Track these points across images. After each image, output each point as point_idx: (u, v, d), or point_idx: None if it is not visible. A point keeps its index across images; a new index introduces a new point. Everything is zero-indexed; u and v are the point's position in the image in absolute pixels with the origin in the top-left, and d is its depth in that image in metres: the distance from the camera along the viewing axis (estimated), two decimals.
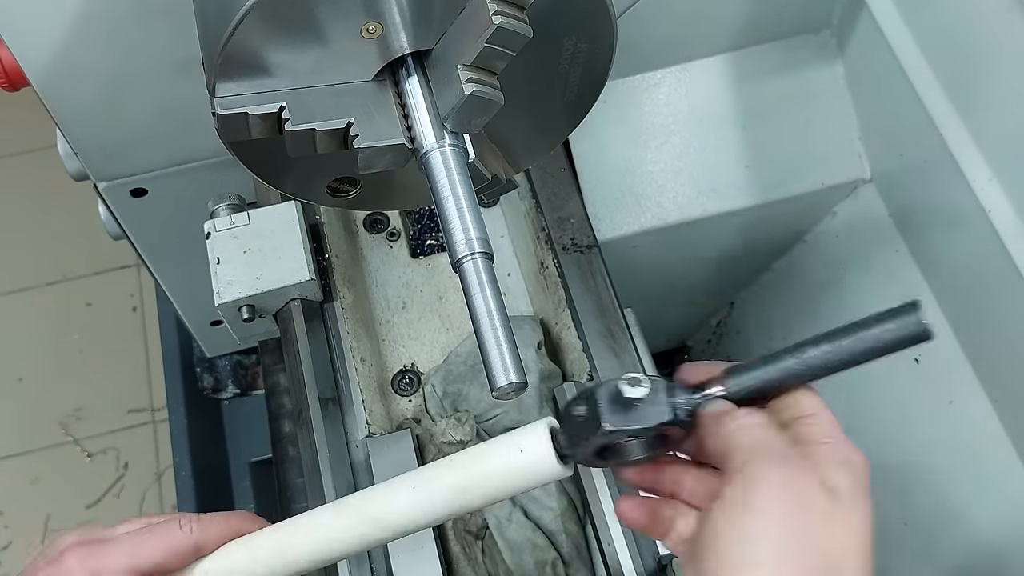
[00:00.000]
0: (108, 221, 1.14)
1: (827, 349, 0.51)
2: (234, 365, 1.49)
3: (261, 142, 0.67)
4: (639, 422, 0.54)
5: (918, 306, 0.49)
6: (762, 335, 1.55)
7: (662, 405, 0.54)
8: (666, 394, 0.55)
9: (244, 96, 0.63)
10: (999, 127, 1.04)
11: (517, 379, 0.57)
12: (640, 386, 0.54)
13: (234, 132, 0.63)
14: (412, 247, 1.04)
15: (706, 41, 1.26)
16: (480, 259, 0.61)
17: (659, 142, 1.28)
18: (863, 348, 0.51)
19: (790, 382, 0.54)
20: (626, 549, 0.82)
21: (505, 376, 0.57)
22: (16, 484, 2.00)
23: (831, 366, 0.52)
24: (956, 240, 1.14)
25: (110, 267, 2.22)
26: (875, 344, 0.50)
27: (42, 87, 0.91)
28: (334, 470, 0.86)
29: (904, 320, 0.49)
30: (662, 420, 0.54)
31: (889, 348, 0.50)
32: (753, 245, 1.40)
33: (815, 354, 0.52)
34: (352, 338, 0.94)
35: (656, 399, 0.54)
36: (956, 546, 1.20)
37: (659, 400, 0.54)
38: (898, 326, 0.49)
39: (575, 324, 0.95)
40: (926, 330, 0.49)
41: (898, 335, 0.50)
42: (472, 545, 0.88)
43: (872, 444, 1.37)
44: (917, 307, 0.49)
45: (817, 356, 0.52)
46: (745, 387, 0.55)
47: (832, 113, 1.29)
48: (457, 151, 0.65)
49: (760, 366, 0.54)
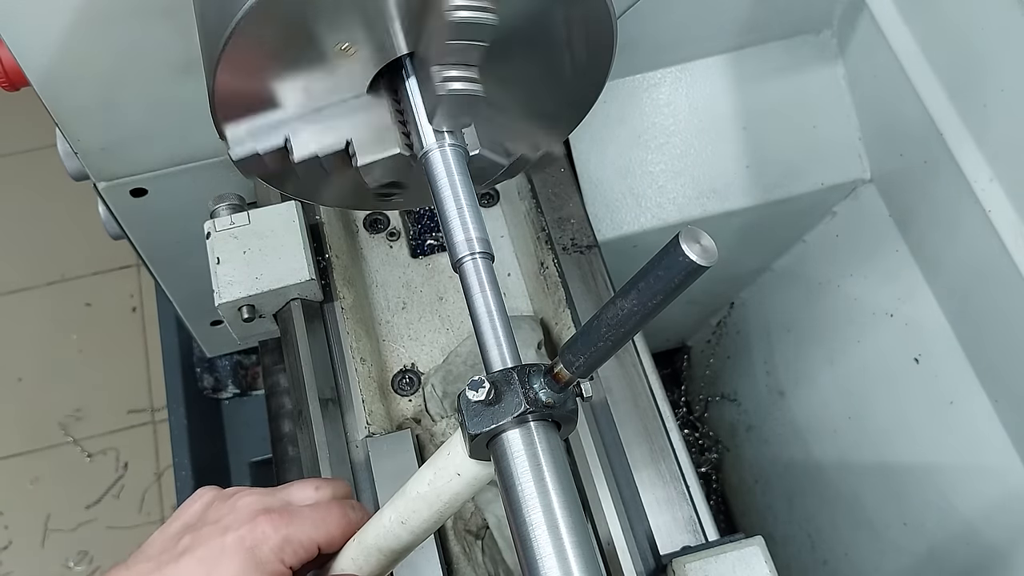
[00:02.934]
0: (108, 221, 1.14)
1: (626, 307, 0.53)
2: (234, 365, 1.49)
3: (244, 105, 0.67)
4: (497, 419, 0.56)
5: (678, 241, 0.49)
6: (762, 335, 1.55)
7: (516, 397, 0.56)
8: (521, 385, 0.56)
9: (251, 135, 0.65)
10: (999, 127, 1.04)
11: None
12: (481, 388, 0.56)
13: (253, 169, 0.66)
14: (412, 247, 1.04)
15: (706, 41, 1.26)
16: (480, 259, 0.61)
17: (659, 142, 1.28)
18: (653, 299, 0.52)
19: (612, 349, 0.56)
20: (626, 549, 0.82)
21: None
22: (16, 484, 2.00)
23: (634, 322, 0.53)
24: (956, 240, 1.14)
25: (110, 267, 2.22)
26: (659, 292, 0.51)
27: (42, 87, 0.91)
28: (334, 470, 0.86)
29: (670, 260, 0.50)
30: (518, 411, 0.56)
31: (671, 290, 0.51)
32: (753, 245, 1.40)
33: (616, 314, 0.53)
34: (352, 338, 0.94)
35: (507, 394, 0.56)
36: (956, 546, 1.20)
37: (512, 392, 0.56)
38: (666, 271, 0.50)
39: (575, 324, 0.95)
40: (691, 262, 0.49)
41: (671, 276, 0.50)
42: (472, 545, 0.88)
43: (873, 444, 1.38)
44: (677, 242, 0.49)
45: (621, 317, 0.53)
46: (584, 365, 0.56)
47: (832, 113, 1.29)
48: (457, 151, 0.65)
49: (584, 341, 0.55)
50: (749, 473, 1.66)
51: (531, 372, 0.57)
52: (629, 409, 0.90)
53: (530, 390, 0.56)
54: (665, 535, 0.83)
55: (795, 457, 1.50)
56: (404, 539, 0.65)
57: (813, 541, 1.50)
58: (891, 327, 1.27)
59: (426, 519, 0.63)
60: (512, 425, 0.56)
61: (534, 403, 0.56)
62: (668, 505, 0.85)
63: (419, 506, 0.63)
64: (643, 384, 0.92)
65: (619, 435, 0.88)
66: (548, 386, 0.57)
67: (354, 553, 0.67)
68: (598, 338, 0.54)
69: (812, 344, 1.44)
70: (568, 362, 0.56)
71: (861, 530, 1.38)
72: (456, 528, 0.88)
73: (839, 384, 1.39)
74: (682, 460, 0.90)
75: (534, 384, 0.57)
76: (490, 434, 0.56)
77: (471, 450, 0.59)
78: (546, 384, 0.57)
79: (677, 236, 0.49)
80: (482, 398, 0.56)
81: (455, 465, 0.61)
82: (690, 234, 0.50)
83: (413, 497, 0.63)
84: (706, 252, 0.49)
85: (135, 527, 1.94)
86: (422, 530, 0.64)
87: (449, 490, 0.61)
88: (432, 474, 0.62)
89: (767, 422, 1.57)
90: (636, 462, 0.87)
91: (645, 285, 0.52)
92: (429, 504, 0.63)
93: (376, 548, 0.66)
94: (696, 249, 0.49)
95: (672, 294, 0.51)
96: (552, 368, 0.57)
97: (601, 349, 0.55)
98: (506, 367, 0.58)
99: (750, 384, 1.60)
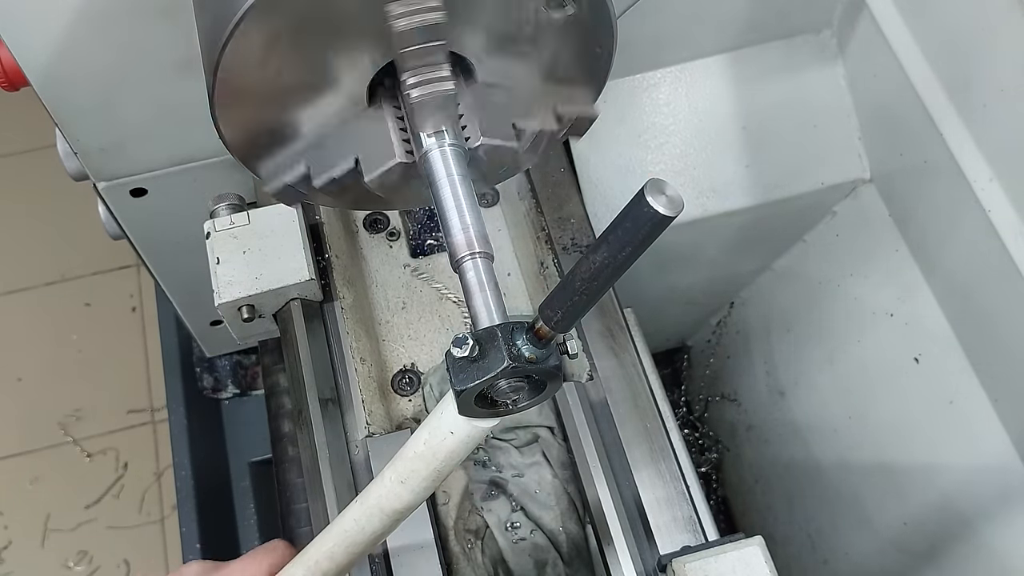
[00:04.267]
0: (108, 221, 1.14)
1: (598, 259, 0.53)
2: (234, 365, 1.49)
3: (264, 144, 0.67)
4: (481, 374, 0.57)
5: (643, 193, 0.50)
6: (762, 335, 1.55)
7: (500, 352, 0.57)
8: (504, 342, 0.57)
9: (277, 171, 0.69)
10: (999, 127, 1.04)
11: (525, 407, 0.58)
12: (465, 344, 0.57)
13: (291, 199, 0.71)
14: (412, 247, 1.04)
15: (706, 41, 1.26)
16: (480, 259, 0.61)
17: (659, 142, 1.28)
18: (622, 252, 0.52)
19: (588, 302, 0.56)
20: (626, 549, 0.82)
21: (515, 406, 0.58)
22: (16, 484, 2.00)
23: (607, 276, 0.54)
24: (956, 240, 1.14)
25: (109, 267, 2.22)
26: (627, 244, 0.52)
27: (42, 87, 0.91)
28: (334, 470, 0.85)
29: (636, 213, 0.50)
30: (502, 367, 0.57)
31: (639, 242, 0.52)
32: (753, 245, 1.40)
33: (589, 268, 0.54)
34: (352, 338, 0.94)
35: (490, 350, 0.57)
36: (956, 546, 1.20)
37: (496, 348, 0.57)
38: (633, 223, 0.51)
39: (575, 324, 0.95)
40: (656, 212, 0.49)
41: (639, 227, 0.51)
42: (472, 545, 0.88)
43: (872, 444, 1.38)
44: (642, 194, 0.50)
45: (593, 270, 0.54)
46: (562, 319, 0.57)
47: (832, 113, 1.29)
48: (456, 150, 0.65)
49: (561, 296, 0.56)
50: (749, 473, 1.66)
51: (514, 329, 0.58)
52: (629, 409, 0.90)
53: (513, 346, 0.57)
54: (665, 535, 0.83)
55: (795, 457, 1.50)
56: (405, 498, 0.67)
57: (813, 541, 1.50)
58: (891, 327, 1.27)
59: (424, 477, 0.65)
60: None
61: (517, 358, 0.57)
62: (668, 505, 0.85)
63: (417, 465, 0.65)
64: (643, 384, 0.92)
65: (619, 435, 0.89)
66: (531, 342, 0.58)
67: (356, 514, 0.69)
68: (573, 292, 0.55)
69: (812, 344, 1.44)
70: (547, 317, 0.56)
71: (861, 530, 1.38)
72: (456, 528, 0.88)
73: (839, 384, 1.39)
74: (682, 460, 0.90)
75: (517, 340, 0.58)
76: (475, 390, 0.58)
77: (459, 407, 0.60)
78: (529, 340, 0.58)
79: (643, 188, 0.50)
80: (466, 354, 0.57)
81: (448, 424, 0.62)
82: (655, 186, 0.50)
83: (411, 457, 0.65)
84: (672, 203, 0.50)
85: (135, 527, 1.94)
86: (422, 488, 0.66)
87: (444, 448, 0.63)
88: (427, 434, 0.64)
89: (767, 422, 1.57)
90: (636, 462, 0.87)
91: (614, 238, 0.52)
92: (427, 463, 0.64)
93: (378, 508, 0.68)
94: (662, 200, 0.50)
95: (640, 246, 0.52)
96: (533, 324, 0.57)
97: (577, 303, 0.55)
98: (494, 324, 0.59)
99: (750, 384, 1.60)
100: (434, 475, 0.65)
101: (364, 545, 0.71)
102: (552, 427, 0.94)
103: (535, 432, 0.94)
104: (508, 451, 0.93)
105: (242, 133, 0.67)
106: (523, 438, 0.94)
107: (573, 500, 0.92)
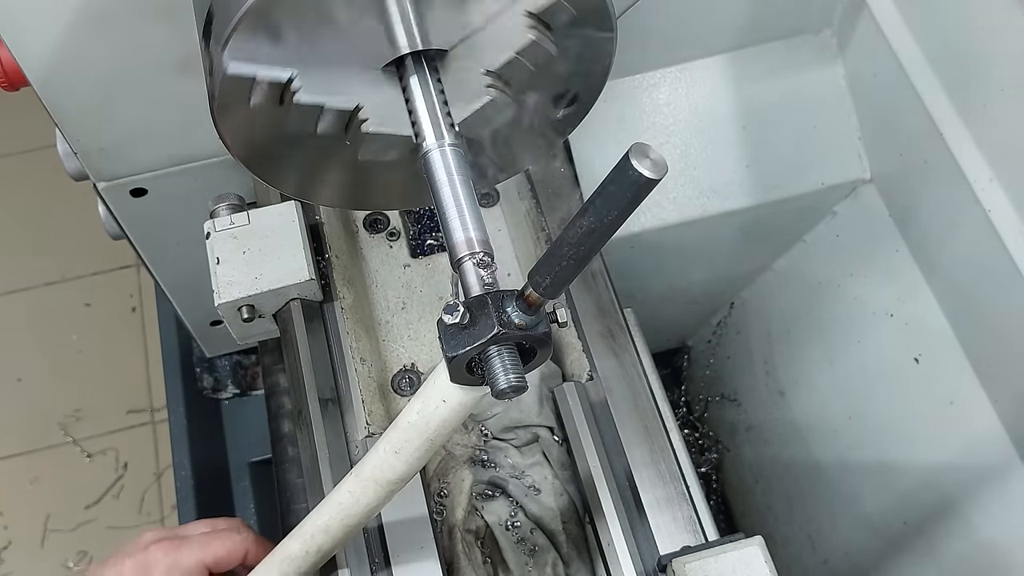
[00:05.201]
0: (108, 221, 1.14)
1: (584, 224, 0.54)
2: (234, 365, 1.49)
3: (263, 141, 0.67)
4: (472, 340, 0.58)
5: (628, 156, 0.50)
6: (762, 335, 1.55)
7: (490, 319, 0.58)
8: (495, 309, 0.58)
9: (253, 56, 0.61)
10: (999, 127, 1.04)
11: (517, 382, 0.58)
12: (456, 311, 0.58)
13: (233, 95, 0.62)
14: (412, 247, 1.04)
15: (706, 41, 1.26)
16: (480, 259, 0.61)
17: (659, 142, 1.28)
18: (608, 215, 0.53)
19: (577, 267, 0.57)
20: (626, 549, 0.82)
21: (506, 379, 0.58)
22: (16, 484, 2.00)
23: (594, 240, 0.55)
24: (956, 240, 1.14)
25: (109, 267, 2.22)
26: (613, 208, 0.53)
27: (42, 87, 0.91)
28: (334, 470, 0.85)
29: (621, 176, 0.51)
30: (492, 333, 0.57)
31: (625, 205, 0.52)
32: (753, 245, 1.40)
33: (576, 233, 0.55)
34: (352, 338, 0.94)
35: (481, 317, 0.58)
36: (956, 546, 1.20)
37: (486, 315, 0.58)
38: (618, 187, 0.52)
39: (575, 324, 0.95)
40: (641, 175, 0.50)
41: (624, 191, 0.52)
42: (472, 545, 0.88)
43: (872, 444, 1.38)
44: (627, 158, 0.50)
45: (580, 235, 0.55)
46: (550, 284, 0.58)
47: (832, 113, 1.29)
48: (457, 151, 0.65)
49: (549, 262, 0.57)
50: (749, 473, 1.66)
51: (504, 296, 0.59)
52: (629, 409, 0.90)
53: (503, 313, 0.58)
54: (665, 535, 0.83)
55: (795, 457, 1.50)
56: (399, 469, 0.68)
57: (813, 541, 1.50)
58: (891, 327, 1.27)
59: (418, 447, 0.66)
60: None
61: (507, 325, 0.58)
62: (668, 505, 0.85)
63: (411, 435, 0.66)
64: (643, 384, 0.92)
65: (619, 435, 0.88)
66: (520, 309, 0.58)
67: (352, 486, 0.71)
68: (561, 257, 0.56)
69: (812, 344, 1.44)
70: (536, 283, 0.57)
71: (861, 530, 1.38)
72: (456, 528, 0.88)
73: (839, 384, 1.39)
74: (682, 460, 0.90)
75: (507, 308, 0.58)
76: (466, 356, 0.58)
77: (451, 373, 0.60)
78: (518, 307, 0.58)
79: (627, 152, 0.51)
80: (457, 321, 0.58)
81: (440, 392, 0.63)
82: (639, 149, 0.51)
83: (404, 427, 0.66)
84: (656, 166, 0.51)
85: (135, 527, 1.94)
86: (415, 459, 0.67)
87: (437, 417, 0.64)
88: (420, 404, 0.65)
89: (767, 422, 1.57)
90: (636, 462, 0.87)
91: (600, 202, 0.53)
92: (420, 432, 0.65)
93: (373, 480, 0.69)
94: (646, 164, 0.50)
95: (626, 210, 0.53)
96: (523, 292, 0.58)
97: (565, 268, 0.56)
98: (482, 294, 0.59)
99: (750, 384, 1.60)
100: (427, 444, 0.66)
101: (359, 517, 0.72)
102: (552, 427, 0.94)
103: (535, 432, 0.94)
104: (508, 451, 0.93)
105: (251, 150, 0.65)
106: (523, 438, 0.94)
107: (573, 500, 0.92)
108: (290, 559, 0.75)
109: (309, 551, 0.75)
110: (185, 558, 0.78)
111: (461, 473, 0.91)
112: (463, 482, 0.90)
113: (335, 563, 0.81)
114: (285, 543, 0.75)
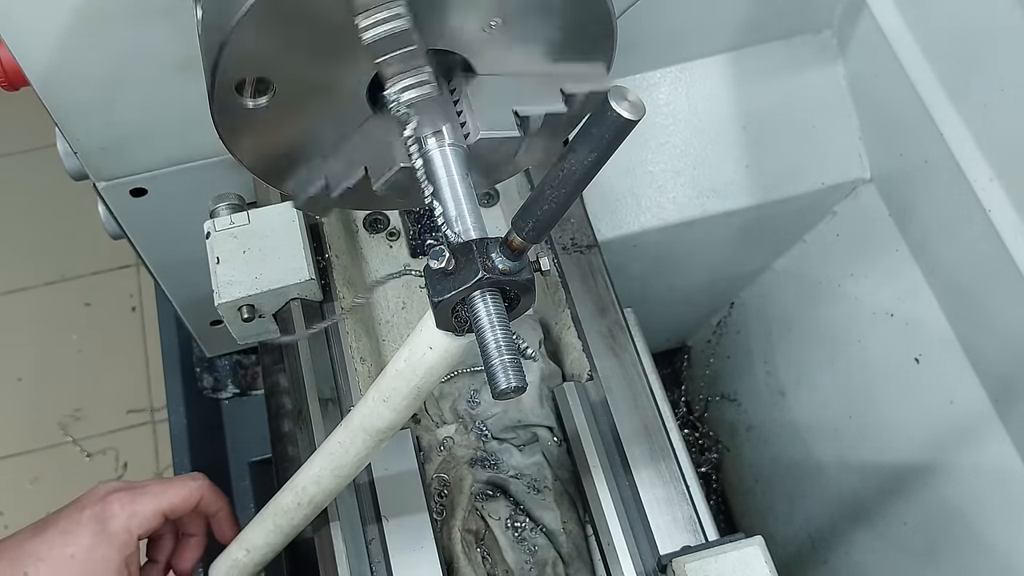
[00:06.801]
0: (108, 221, 1.14)
1: (565, 167, 0.55)
2: (234, 365, 1.49)
3: (261, 140, 0.67)
4: (457, 285, 0.59)
5: (607, 98, 0.51)
6: (762, 335, 1.55)
7: (474, 264, 0.58)
8: (479, 254, 0.59)
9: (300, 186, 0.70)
10: (999, 127, 1.04)
11: (517, 383, 0.58)
12: (441, 256, 0.59)
13: (320, 210, 0.73)
14: (412, 247, 1.04)
15: (706, 41, 1.26)
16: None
17: (659, 142, 1.28)
18: (588, 157, 0.54)
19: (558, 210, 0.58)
20: (626, 549, 0.82)
21: (506, 379, 0.58)
22: (16, 484, 2.00)
23: (575, 182, 0.55)
24: (956, 240, 1.14)
25: (109, 267, 2.22)
26: (593, 149, 0.53)
27: (42, 87, 0.91)
28: None
29: (600, 118, 0.52)
30: (476, 278, 0.58)
31: (604, 147, 0.53)
32: (753, 245, 1.40)
33: (557, 176, 0.55)
34: (352, 338, 0.94)
35: (466, 263, 0.59)
36: (956, 546, 1.20)
37: (470, 261, 0.59)
38: (597, 128, 0.52)
39: (575, 324, 0.95)
40: (619, 116, 0.51)
41: (603, 132, 0.52)
42: (472, 545, 0.88)
43: (872, 444, 1.38)
44: (606, 99, 0.51)
45: (561, 178, 0.55)
46: (534, 229, 0.58)
47: (832, 113, 1.29)
48: (456, 150, 0.65)
49: (531, 206, 0.57)
50: (749, 473, 1.66)
51: (488, 243, 0.60)
52: (629, 409, 0.90)
53: (488, 259, 0.59)
54: (665, 535, 0.83)
55: (795, 457, 1.50)
56: (387, 417, 0.69)
57: (813, 541, 1.50)
58: (891, 327, 1.27)
59: (405, 395, 0.67)
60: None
61: (491, 270, 0.58)
62: (668, 505, 0.85)
63: (398, 383, 0.66)
64: (643, 384, 0.92)
65: (619, 435, 0.88)
66: (504, 255, 0.59)
67: (341, 436, 0.71)
68: (543, 200, 0.57)
69: (812, 344, 1.44)
70: (519, 228, 0.58)
71: (861, 530, 1.38)
72: (456, 528, 0.88)
73: (839, 384, 1.39)
74: (682, 460, 0.90)
75: (491, 253, 0.59)
76: (451, 301, 0.59)
77: (437, 319, 0.61)
78: (502, 253, 0.59)
79: (606, 94, 0.51)
80: (442, 266, 0.58)
81: (426, 339, 0.63)
82: (618, 92, 0.52)
83: (392, 375, 0.67)
84: (634, 107, 0.51)
85: None
86: (403, 407, 0.68)
87: (424, 364, 0.64)
88: (408, 352, 0.65)
89: (767, 422, 1.57)
90: (636, 462, 0.87)
91: (580, 145, 0.54)
92: (407, 380, 0.66)
93: (362, 429, 0.70)
94: (625, 105, 0.51)
95: (606, 151, 0.53)
96: (507, 238, 0.59)
97: (547, 212, 0.57)
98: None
99: (750, 384, 1.60)
100: (415, 392, 0.66)
101: (350, 468, 0.73)
102: (552, 427, 0.94)
103: (535, 432, 0.94)
104: (508, 451, 0.93)
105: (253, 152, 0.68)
106: (523, 438, 0.94)
107: (573, 500, 0.92)
108: (283, 511, 0.77)
109: (301, 503, 0.76)
110: (142, 507, 0.80)
111: (461, 473, 0.91)
112: (463, 482, 0.90)
113: (335, 563, 0.81)
114: (277, 496, 0.76)
